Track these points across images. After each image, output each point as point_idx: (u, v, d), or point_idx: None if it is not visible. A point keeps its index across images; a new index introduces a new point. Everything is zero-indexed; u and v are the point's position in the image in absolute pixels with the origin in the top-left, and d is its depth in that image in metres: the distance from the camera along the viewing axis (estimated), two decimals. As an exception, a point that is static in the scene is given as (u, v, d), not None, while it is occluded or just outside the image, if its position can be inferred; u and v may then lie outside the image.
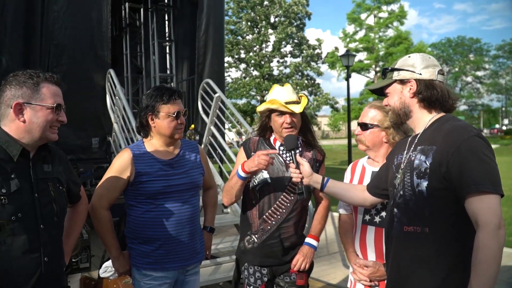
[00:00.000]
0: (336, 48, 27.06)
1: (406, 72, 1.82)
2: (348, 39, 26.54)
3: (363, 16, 26.51)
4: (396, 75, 1.85)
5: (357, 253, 2.31)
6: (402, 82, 1.83)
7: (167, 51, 8.18)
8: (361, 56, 26.70)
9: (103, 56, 5.99)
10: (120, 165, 2.32)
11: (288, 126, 2.40)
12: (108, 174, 2.34)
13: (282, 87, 2.52)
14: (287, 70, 29.96)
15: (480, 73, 46.26)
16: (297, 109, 2.38)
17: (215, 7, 7.10)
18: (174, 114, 2.33)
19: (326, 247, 6.31)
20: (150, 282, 2.34)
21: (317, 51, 29.77)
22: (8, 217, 1.58)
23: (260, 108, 2.53)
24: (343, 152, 25.57)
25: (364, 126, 2.29)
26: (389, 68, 1.90)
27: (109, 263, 2.49)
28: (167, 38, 8.07)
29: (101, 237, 2.38)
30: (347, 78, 15.26)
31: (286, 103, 2.40)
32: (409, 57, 1.87)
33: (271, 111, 2.47)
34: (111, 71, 5.80)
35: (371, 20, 26.56)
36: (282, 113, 2.42)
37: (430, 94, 1.77)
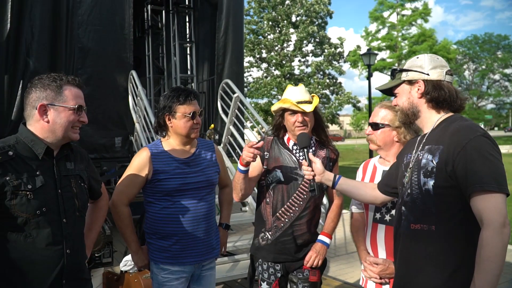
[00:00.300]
0: (358, 47, 26.84)
1: (415, 73, 1.85)
2: (370, 38, 26.23)
3: (385, 14, 26.17)
4: (404, 76, 1.88)
5: (368, 251, 2.35)
6: (411, 82, 1.87)
7: (188, 52, 8.32)
8: (384, 54, 26.39)
9: (125, 58, 6.15)
10: (139, 163, 2.42)
11: (300, 124, 2.46)
12: (128, 172, 2.44)
13: (295, 87, 2.58)
14: (309, 69, 29.88)
15: (508, 71, 44.98)
16: (308, 108, 2.44)
17: (234, 9, 7.18)
18: (190, 114, 2.42)
19: (344, 246, 6.33)
20: (167, 275, 2.43)
21: (339, 50, 29.57)
22: (33, 211, 1.69)
23: (274, 107, 2.60)
24: (365, 152, 25.34)
25: (375, 126, 2.33)
26: (398, 69, 1.94)
27: (128, 257, 2.61)
28: (188, 40, 8.20)
29: (121, 232, 2.49)
30: (369, 77, 15.15)
31: (298, 102, 2.46)
32: (417, 58, 1.91)
33: (284, 110, 2.53)
34: (133, 73, 5.96)
35: (394, 18, 26.21)
36: (294, 112, 2.48)
37: (437, 95, 1.80)
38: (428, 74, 1.82)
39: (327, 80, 29.19)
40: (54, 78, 1.83)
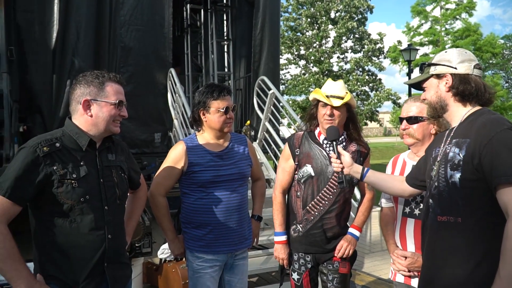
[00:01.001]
0: (399, 42, 26.15)
1: (442, 67, 1.86)
2: (412, 33, 25.49)
3: (428, 8, 25.36)
4: (432, 70, 1.90)
5: (397, 245, 2.36)
6: (439, 76, 1.88)
7: (225, 49, 8.46)
8: (426, 49, 25.59)
9: (165, 56, 6.34)
10: (175, 156, 2.54)
11: (328, 117, 2.51)
12: (165, 164, 2.57)
13: (334, 82, 2.63)
14: (348, 66, 29.46)
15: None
16: (336, 103, 2.48)
17: (271, 6, 7.24)
18: (223, 109, 2.52)
19: (380, 243, 6.28)
20: (201, 263, 2.54)
21: (379, 45, 28.98)
22: (78, 198, 1.83)
23: (310, 96, 2.68)
24: (405, 149, 24.66)
25: (413, 120, 2.33)
26: (427, 63, 1.95)
27: (166, 245, 2.75)
28: (225, 37, 8.34)
29: (159, 221, 2.62)
30: (409, 73, 14.81)
31: (330, 96, 2.51)
32: (446, 52, 1.91)
33: (319, 101, 2.59)
34: (172, 70, 6.14)
35: (437, 12, 25.36)
36: (326, 104, 2.53)
37: (463, 88, 1.80)
38: (456, 68, 1.83)
39: (366, 77, 28.68)
40: (97, 75, 1.96)
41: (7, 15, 4.75)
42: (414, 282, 2.26)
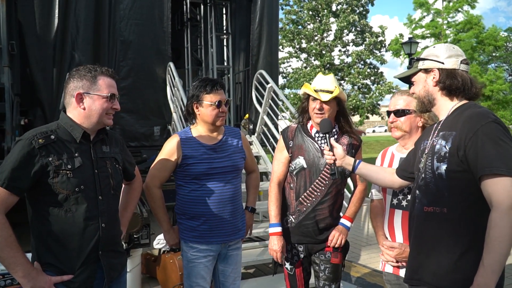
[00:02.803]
0: (401, 35, 26.04)
1: (430, 62, 1.91)
2: (413, 25, 25.36)
3: (430, 0, 25.20)
4: (421, 65, 1.95)
5: (386, 236, 2.42)
6: (426, 71, 1.93)
7: (225, 43, 8.49)
8: (428, 42, 25.44)
9: (164, 50, 6.39)
10: (170, 148, 2.60)
11: (317, 111, 2.55)
12: (159, 156, 2.63)
13: (323, 76, 2.67)
14: (349, 59, 29.41)
15: None
16: (325, 97, 2.52)
17: (269, 0, 7.27)
18: (215, 103, 2.57)
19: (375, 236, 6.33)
20: (195, 253, 2.61)
21: (380, 38, 28.90)
22: (73, 188, 1.89)
23: (301, 91, 2.73)
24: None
25: (401, 113, 2.38)
26: (415, 58, 2.00)
27: (161, 236, 2.81)
28: (225, 31, 8.37)
29: (154, 212, 2.69)
30: (410, 67, 14.79)
31: (319, 90, 2.55)
32: (434, 47, 1.96)
33: (309, 95, 2.63)
34: (171, 64, 6.19)
35: (439, 5, 25.21)
36: (315, 98, 2.57)
37: (450, 83, 1.85)
38: (443, 63, 1.87)
39: (368, 70, 28.64)
40: (89, 69, 2.02)
41: (9, 9, 4.80)
42: (402, 272, 2.31)
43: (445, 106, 1.90)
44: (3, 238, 1.75)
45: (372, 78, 28.96)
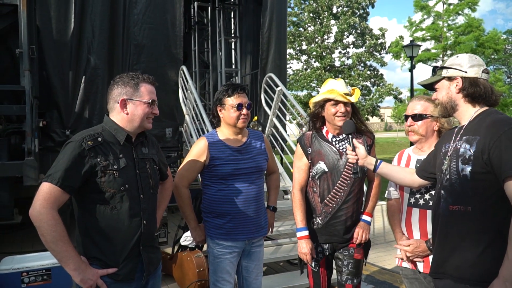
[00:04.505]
0: (401, 37, 26.22)
1: (454, 70, 2.04)
2: (414, 28, 25.50)
3: (431, 2, 25.35)
4: (444, 73, 2.08)
5: (403, 233, 2.56)
6: (450, 79, 2.06)
7: (233, 47, 8.63)
8: (428, 45, 25.62)
9: (176, 54, 6.53)
10: (198, 150, 2.75)
11: (341, 115, 2.67)
12: (188, 158, 2.78)
13: (337, 81, 2.78)
14: (349, 61, 29.56)
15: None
16: (353, 99, 2.66)
17: (278, 5, 7.42)
18: (236, 106, 2.72)
19: (383, 235, 6.50)
20: (221, 250, 2.75)
21: (381, 41, 29.08)
22: (119, 187, 2.04)
23: (317, 98, 2.78)
24: (406, 145, 24.87)
25: (418, 117, 2.52)
26: (439, 66, 2.15)
27: (188, 233, 2.95)
28: (233, 35, 8.51)
29: (182, 211, 2.83)
30: (411, 69, 14.95)
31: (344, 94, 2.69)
32: (457, 57, 2.09)
33: (327, 101, 2.72)
34: (184, 68, 6.33)
35: (439, 7, 25.35)
36: (337, 102, 2.68)
37: (473, 91, 1.99)
38: (466, 72, 2.01)
39: (368, 72, 28.81)
40: (132, 76, 2.17)
41: (29, 14, 4.94)
42: (420, 266, 2.45)
43: (467, 112, 2.03)
44: (57, 233, 1.89)
45: (372, 80, 29.09)
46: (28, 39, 4.82)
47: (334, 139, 2.77)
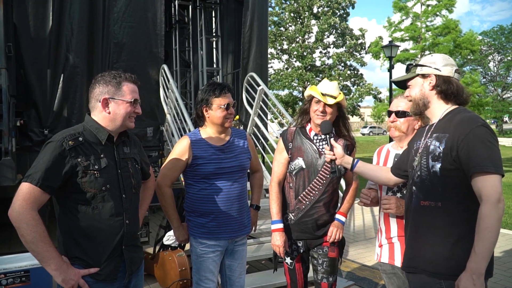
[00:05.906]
0: (380, 38, 26.54)
1: (428, 68, 2.11)
2: (393, 28, 25.84)
3: (410, 3, 25.71)
4: (419, 70, 2.15)
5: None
6: (424, 76, 2.13)
7: (214, 46, 8.61)
8: (407, 45, 25.99)
9: (157, 52, 6.49)
10: (180, 149, 2.74)
11: (320, 113, 2.72)
12: (171, 157, 2.77)
13: (330, 82, 2.83)
14: (330, 61, 29.82)
15: (535, 62, 43.70)
16: (330, 101, 2.71)
17: (259, 4, 7.44)
18: (224, 106, 2.73)
19: (363, 233, 6.60)
20: (204, 249, 2.75)
21: (361, 41, 29.42)
22: (100, 187, 2.02)
23: (306, 92, 2.86)
24: (385, 144, 25.22)
25: (401, 114, 2.57)
26: (413, 64, 2.21)
27: (171, 232, 2.94)
28: (214, 34, 8.49)
29: (165, 210, 2.82)
30: (390, 69, 15.18)
31: (325, 94, 2.73)
32: (431, 55, 2.17)
33: (313, 97, 2.79)
34: (165, 67, 6.30)
35: (418, 8, 25.75)
36: (319, 101, 2.74)
37: (446, 88, 2.06)
38: (440, 70, 2.08)
39: (348, 72, 29.11)
40: (114, 75, 2.14)
41: (5, 11, 4.83)
42: (397, 261, 2.51)
43: (438, 110, 2.10)
44: (37, 233, 1.86)
45: (352, 79, 29.43)
46: (5, 36, 4.72)
47: (316, 137, 2.81)
